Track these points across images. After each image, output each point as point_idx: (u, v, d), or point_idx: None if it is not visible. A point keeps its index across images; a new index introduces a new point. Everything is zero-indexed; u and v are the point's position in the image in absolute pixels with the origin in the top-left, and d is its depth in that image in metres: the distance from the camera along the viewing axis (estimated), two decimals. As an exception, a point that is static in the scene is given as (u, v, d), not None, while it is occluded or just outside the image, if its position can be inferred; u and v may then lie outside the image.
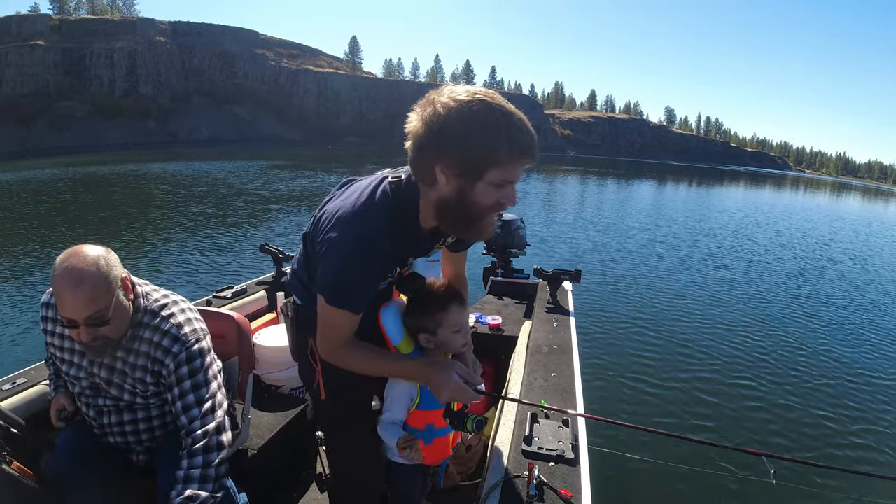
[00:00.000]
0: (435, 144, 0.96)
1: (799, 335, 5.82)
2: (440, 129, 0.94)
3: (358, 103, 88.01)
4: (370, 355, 1.22)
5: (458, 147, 0.94)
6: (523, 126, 0.96)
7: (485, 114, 0.93)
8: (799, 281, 8.62)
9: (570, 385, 1.70)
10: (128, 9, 75.47)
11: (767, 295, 7.52)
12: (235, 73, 78.25)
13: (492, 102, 0.94)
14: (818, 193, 47.71)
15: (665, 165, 74.44)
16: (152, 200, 14.68)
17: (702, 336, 5.56)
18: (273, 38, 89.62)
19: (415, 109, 1.00)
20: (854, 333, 6.03)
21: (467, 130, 0.93)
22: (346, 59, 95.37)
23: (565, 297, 2.68)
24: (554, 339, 2.09)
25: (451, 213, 1.03)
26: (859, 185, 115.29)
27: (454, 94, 0.95)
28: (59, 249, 1.24)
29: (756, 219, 18.19)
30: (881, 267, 10.54)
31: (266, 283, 2.96)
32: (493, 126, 0.93)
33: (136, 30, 68.49)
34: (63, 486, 1.30)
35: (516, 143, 0.94)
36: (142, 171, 22.99)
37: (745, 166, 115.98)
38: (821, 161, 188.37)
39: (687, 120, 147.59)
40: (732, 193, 33.49)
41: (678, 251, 10.50)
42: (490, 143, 0.93)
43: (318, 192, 16.81)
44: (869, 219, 23.65)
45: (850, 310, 7.05)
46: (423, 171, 1.01)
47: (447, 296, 1.32)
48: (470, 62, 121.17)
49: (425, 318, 1.31)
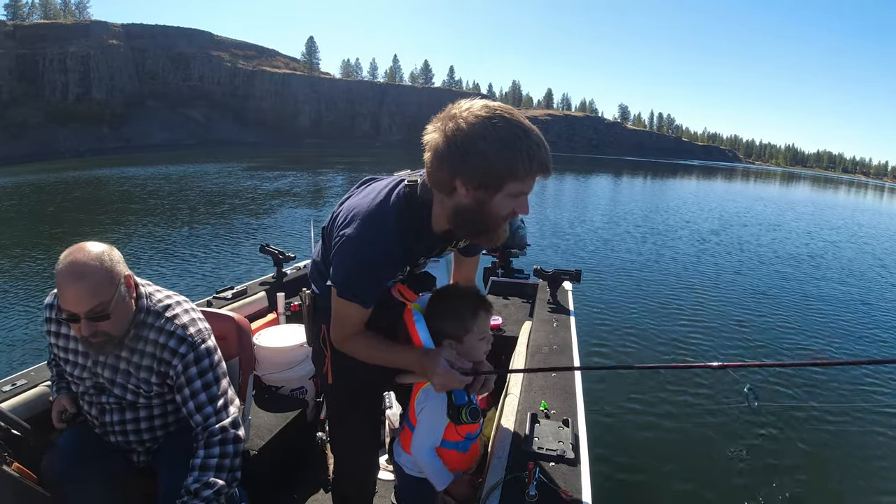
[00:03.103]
0: (457, 158, 0.99)
1: (800, 334, 5.83)
2: (462, 144, 0.98)
3: (317, 104, 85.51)
4: (375, 344, 1.27)
5: (480, 162, 0.98)
6: (540, 142, 1.00)
7: (506, 130, 0.97)
8: (798, 280, 8.63)
9: (570, 385, 1.69)
10: (80, 12, 72.44)
11: (766, 289, 7.53)
12: (190, 76, 75.38)
13: (511, 119, 0.98)
14: (770, 183, 52.00)
15: (621, 161, 75.14)
16: (152, 201, 14.69)
17: (702, 334, 5.57)
18: (228, 39, 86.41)
19: (433, 122, 1.03)
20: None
21: (490, 147, 0.97)
22: (303, 59, 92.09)
23: (565, 297, 2.68)
24: (554, 339, 2.09)
25: (467, 221, 1.07)
26: (808, 174, 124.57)
27: (474, 109, 0.99)
28: (58, 251, 1.24)
29: (744, 213, 18.43)
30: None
31: (266, 283, 2.96)
32: (513, 143, 0.97)
33: (90, 33, 65.79)
34: (64, 486, 1.30)
35: (535, 159, 0.99)
36: (119, 175, 22.94)
37: (698, 160, 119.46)
38: (770, 153, 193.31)
39: (640, 116, 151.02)
40: (699, 188, 35.28)
41: (675, 250, 10.52)
42: (511, 159, 0.98)
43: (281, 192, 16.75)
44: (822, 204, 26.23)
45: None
46: (442, 183, 1.04)
47: (477, 301, 1.32)
48: (428, 62, 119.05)
49: (454, 323, 1.29)
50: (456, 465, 1.40)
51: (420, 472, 1.38)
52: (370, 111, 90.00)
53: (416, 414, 1.36)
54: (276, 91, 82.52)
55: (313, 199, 16.51)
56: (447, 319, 1.30)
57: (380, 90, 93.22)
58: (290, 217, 12.69)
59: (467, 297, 1.33)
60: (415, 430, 1.35)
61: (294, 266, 3.31)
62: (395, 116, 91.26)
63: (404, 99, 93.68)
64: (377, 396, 1.56)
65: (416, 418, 1.37)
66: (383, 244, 1.10)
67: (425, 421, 1.33)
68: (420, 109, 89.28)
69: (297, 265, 3.35)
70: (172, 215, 12.30)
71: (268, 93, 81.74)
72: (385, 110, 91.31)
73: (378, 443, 1.55)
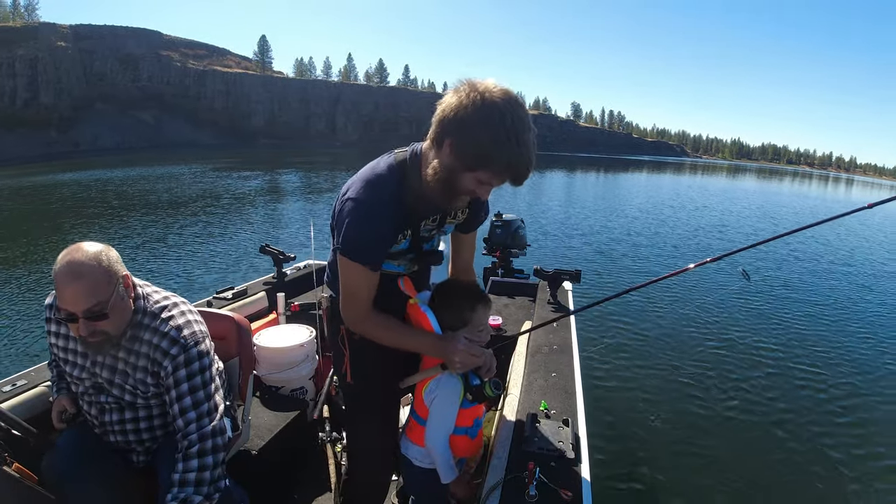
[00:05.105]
0: (456, 125, 1.09)
1: (804, 333, 5.83)
2: (467, 117, 1.06)
3: (270, 104, 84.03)
4: (392, 325, 1.33)
5: (470, 142, 1.08)
6: (527, 156, 1.08)
7: (505, 132, 1.04)
8: (800, 277, 8.64)
9: (570, 385, 1.70)
10: (29, 14, 69.51)
11: (767, 291, 7.53)
12: (139, 76, 73.45)
13: (516, 123, 1.05)
14: (717, 176, 54.65)
15: (574, 158, 75.42)
16: (149, 202, 14.69)
17: (701, 333, 5.56)
18: (178, 39, 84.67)
19: (458, 87, 1.11)
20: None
21: (485, 135, 1.05)
22: (255, 58, 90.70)
23: (565, 297, 2.69)
24: (554, 339, 2.09)
25: (437, 176, 1.16)
26: (753, 166, 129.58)
27: (495, 94, 1.06)
28: (55, 253, 1.24)
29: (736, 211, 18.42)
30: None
31: (266, 283, 2.96)
32: (503, 145, 1.05)
33: (38, 35, 63.44)
34: (64, 486, 1.30)
35: (512, 168, 1.09)
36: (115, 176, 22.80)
37: (648, 156, 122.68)
38: (717, 147, 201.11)
39: (592, 114, 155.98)
40: (650, 181, 37.60)
41: (672, 249, 10.53)
42: (493, 155, 1.07)
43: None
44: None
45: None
46: (439, 135, 1.14)
47: (475, 296, 1.39)
48: (383, 61, 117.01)
49: (453, 317, 1.36)
50: (466, 450, 1.44)
51: (431, 463, 1.40)
52: (325, 111, 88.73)
53: (428, 404, 1.38)
54: (227, 91, 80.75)
55: (299, 197, 16.52)
56: (449, 314, 1.36)
57: (335, 89, 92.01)
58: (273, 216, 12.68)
59: (466, 293, 1.39)
60: (427, 420, 1.38)
61: (294, 266, 3.31)
62: (351, 116, 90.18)
63: (360, 98, 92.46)
64: (396, 398, 1.56)
65: (425, 410, 1.39)
66: (381, 199, 1.19)
67: (438, 409, 1.36)
68: (377, 108, 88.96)
69: (297, 265, 3.35)
70: (155, 215, 12.30)
71: (219, 93, 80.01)
72: (341, 109, 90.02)
73: (394, 444, 1.55)
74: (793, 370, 4.78)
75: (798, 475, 3.23)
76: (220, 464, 1.28)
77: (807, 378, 4.62)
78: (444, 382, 1.35)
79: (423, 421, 1.39)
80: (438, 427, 1.36)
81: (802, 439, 3.63)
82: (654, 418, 3.76)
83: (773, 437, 3.64)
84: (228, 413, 1.56)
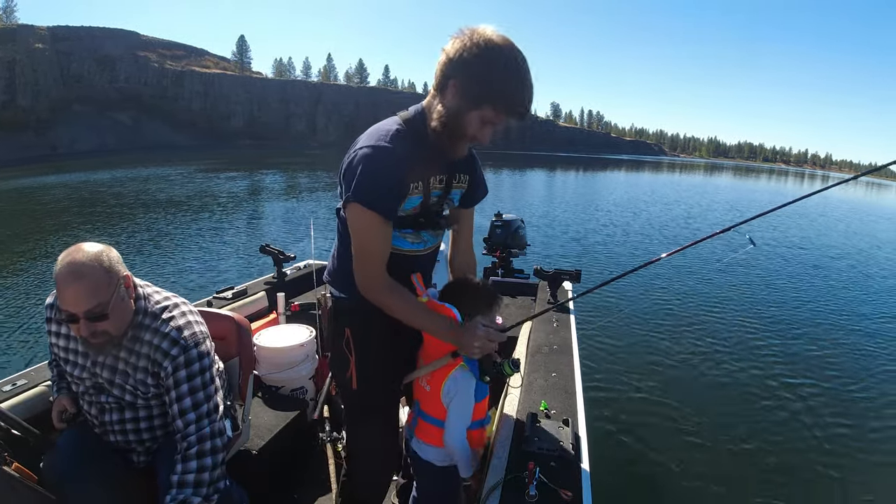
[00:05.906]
0: (462, 64, 1.13)
1: (804, 333, 5.83)
2: (474, 56, 1.11)
3: (249, 105, 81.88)
4: (410, 299, 1.31)
5: (477, 79, 1.12)
6: (528, 96, 1.15)
7: (513, 70, 1.11)
8: (799, 276, 8.64)
9: (570, 385, 1.70)
10: (8, 16, 68.15)
11: (767, 289, 7.53)
12: (117, 77, 71.09)
13: (521, 65, 1.12)
14: (695, 173, 56.96)
15: (554, 157, 75.57)
16: (144, 203, 14.69)
17: (701, 332, 5.56)
18: (156, 39, 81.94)
19: (459, 35, 1.15)
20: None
21: (492, 72, 1.11)
22: (234, 59, 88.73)
23: (565, 297, 2.68)
24: (554, 339, 2.09)
25: (441, 121, 1.20)
26: (729, 164, 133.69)
27: (496, 37, 1.11)
28: (55, 253, 1.24)
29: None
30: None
31: (267, 283, 2.96)
32: (510, 83, 1.12)
33: (17, 37, 61.90)
34: (64, 486, 1.30)
35: (517, 102, 1.14)
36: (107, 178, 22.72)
37: (627, 155, 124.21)
38: (694, 145, 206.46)
39: (571, 114, 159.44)
40: (633, 179, 38.99)
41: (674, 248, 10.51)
42: (500, 93, 1.13)
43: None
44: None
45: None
46: (442, 79, 1.18)
47: (487, 296, 1.40)
48: (363, 61, 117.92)
49: (463, 315, 1.35)
50: (480, 442, 1.45)
51: (451, 460, 1.40)
52: (305, 111, 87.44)
53: (446, 404, 1.37)
54: (206, 92, 79.02)
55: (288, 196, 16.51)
56: (462, 309, 1.37)
57: (315, 90, 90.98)
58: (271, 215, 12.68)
59: (478, 292, 1.41)
60: (447, 420, 1.37)
61: (294, 266, 3.31)
62: (332, 116, 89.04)
63: (340, 98, 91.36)
64: (396, 398, 1.56)
65: (442, 410, 1.38)
66: (394, 147, 1.20)
67: (458, 407, 1.36)
68: (357, 109, 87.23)
69: (297, 265, 3.35)
70: (154, 216, 12.30)
71: (197, 94, 78.27)
72: (321, 110, 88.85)
73: (394, 444, 1.55)
74: (794, 370, 4.78)
75: (798, 475, 3.23)
76: (220, 465, 1.28)
77: (807, 378, 4.62)
78: (460, 380, 1.35)
79: (437, 421, 1.39)
80: (458, 424, 1.36)
81: (803, 440, 3.63)
82: (654, 418, 3.76)
83: (774, 437, 3.63)
84: (228, 413, 1.56)
